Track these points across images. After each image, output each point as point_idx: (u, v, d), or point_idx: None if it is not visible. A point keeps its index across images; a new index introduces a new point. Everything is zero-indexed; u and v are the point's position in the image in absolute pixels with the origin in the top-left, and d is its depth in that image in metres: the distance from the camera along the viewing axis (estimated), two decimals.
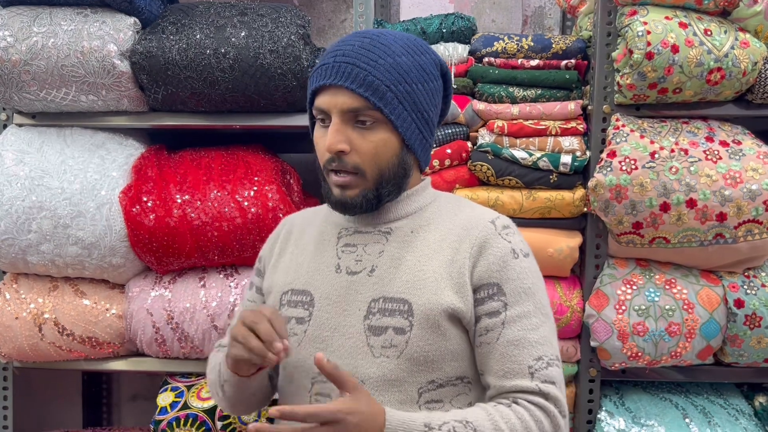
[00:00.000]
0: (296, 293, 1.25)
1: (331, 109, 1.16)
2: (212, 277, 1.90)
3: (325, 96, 1.17)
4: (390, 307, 1.16)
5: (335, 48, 1.19)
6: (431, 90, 1.21)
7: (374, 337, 1.16)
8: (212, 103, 1.86)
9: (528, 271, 1.20)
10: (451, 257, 1.19)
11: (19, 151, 1.86)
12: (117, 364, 1.95)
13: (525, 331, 1.16)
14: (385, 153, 1.17)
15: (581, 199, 1.81)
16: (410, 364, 1.15)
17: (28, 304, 1.88)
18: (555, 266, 1.83)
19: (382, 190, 1.19)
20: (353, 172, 1.17)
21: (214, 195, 1.83)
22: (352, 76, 1.14)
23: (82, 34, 1.78)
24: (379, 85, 1.14)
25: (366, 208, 1.19)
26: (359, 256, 1.22)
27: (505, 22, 2.36)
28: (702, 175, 1.71)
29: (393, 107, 1.15)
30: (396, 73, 1.16)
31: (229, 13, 1.86)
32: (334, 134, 1.15)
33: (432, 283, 1.17)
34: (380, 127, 1.16)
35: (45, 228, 1.80)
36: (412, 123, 1.19)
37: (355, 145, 1.16)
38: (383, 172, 1.18)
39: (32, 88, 1.82)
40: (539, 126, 1.83)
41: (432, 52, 1.24)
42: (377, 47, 1.17)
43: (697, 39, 1.69)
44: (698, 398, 1.88)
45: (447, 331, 1.16)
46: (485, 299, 1.17)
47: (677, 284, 1.78)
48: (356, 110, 1.15)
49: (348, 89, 1.14)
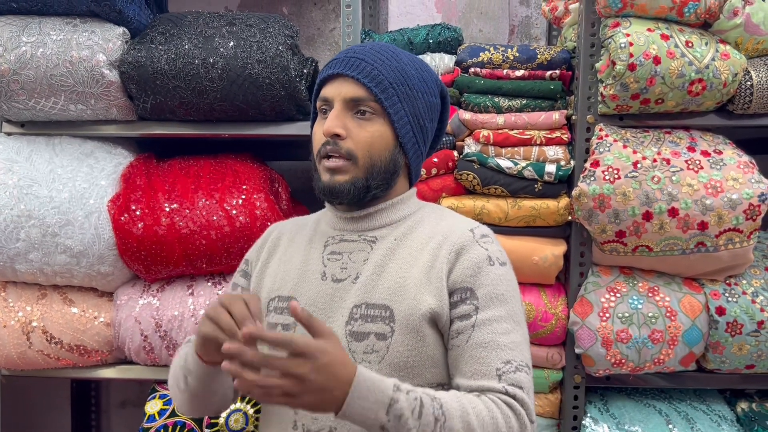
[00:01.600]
0: (283, 300, 1.27)
1: (334, 97, 1.23)
2: (200, 285, 1.91)
3: (330, 86, 1.24)
4: (372, 313, 1.19)
5: (348, 48, 1.28)
6: (430, 104, 1.29)
7: (356, 343, 1.18)
8: (201, 113, 1.87)
9: (502, 278, 1.21)
10: (431, 263, 1.21)
11: (8, 159, 1.86)
12: (105, 372, 1.95)
13: (494, 335, 1.16)
14: (379, 145, 1.23)
15: (566, 207, 1.83)
16: (391, 370, 1.17)
17: (16, 312, 1.88)
18: (540, 274, 1.85)
19: (371, 181, 1.23)
20: (345, 158, 1.21)
21: (202, 203, 1.85)
22: (359, 68, 1.22)
23: (71, 44, 1.79)
24: (382, 80, 1.22)
25: (354, 195, 1.22)
26: (344, 264, 1.24)
27: (492, 32, 2.38)
28: (684, 185, 1.73)
29: (393, 102, 1.22)
30: (400, 75, 1.24)
31: (217, 24, 1.87)
32: (333, 119, 1.21)
33: (413, 289, 1.19)
34: (378, 120, 1.23)
35: (33, 236, 1.81)
36: (408, 124, 1.25)
37: (352, 133, 1.22)
38: (374, 162, 1.23)
39: (21, 98, 1.83)
40: (524, 136, 1.85)
41: (435, 75, 1.32)
42: (386, 51, 1.26)
43: (678, 51, 1.72)
44: (681, 404, 1.90)
45: (426, 336, 1.18)
46: (458, 303, 1.19)
47: (660, 292, 1.81)
48: (358, 99, 1.22)
49: (353, 78, 1.21)
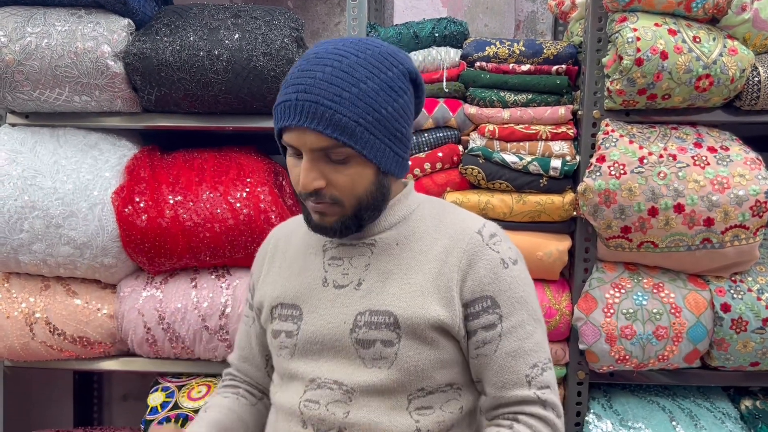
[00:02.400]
0: (285, 307, 1.25)
1: (301, 146, 1.11)
2: (204, 278, 1.90)
3: (292, 134, 1.11)
4: (376, 320, 1.17)
5: (296, 79, 1.11)
6: (402, 106, 1.15)
7: (363, 350, 1.17)
8: (205, 105, 1.87)
9: (518, 279, 1.21)
10: (438, 269, 1.18)
11: (12, 150, 1.86)
12: (108, 364, 1.95)
13: (521, 341, 1.17)
14: (361, 183, 1.14)
15: (571, 203, 1.82)
16: (401, 375, 1.16)
17: (19, 304, 1.88)
18: (544, 269, 1.85)
19: (362, 215, 1.17)
20: (330, 203, 1.14)
21: (206, 196, 1.84)
22: (318, 117, 1.07)
23: (76, 35, 1.78)
24: (347, 123, 1.08)
25: (345, 233, 1.18)
26: (346, 270, 1.22)
27: (497, 27, 2.37)
28: (690, 181, 1.73)
29: (364, 141, 1.10)
30: (363, 103, 1.09)
31: (222, 16, 1.87)
32: (307, 173, 1.10)
33: (418, 297, 1.17)
34: (354, 160, 1.12)
35: (37, 227, 1.81)
36: (386, 148, 1.14)
37: (331, 180, 1.12)
38: (361, 200, 1.15)
39: (26, 88, 1.83)
40: (530, 130, 1.84)
41: (400, 63, 1.16)
42: (340, 77, 1.09)
43: (686, 46, 1.71)
44: (685, 401, 1.90)
45: (436, 342, 1.17)
46: (480, 313, 1.18)
47: (665, 288, 1.80)
48: (326, 149, 1.10)
49: (314, 131, 1.08)
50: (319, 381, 1.18)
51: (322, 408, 1.16)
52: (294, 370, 1.22)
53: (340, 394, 1.16)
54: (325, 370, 1.18)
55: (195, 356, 1.91)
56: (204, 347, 1.88)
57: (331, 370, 1.18)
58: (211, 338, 1.86)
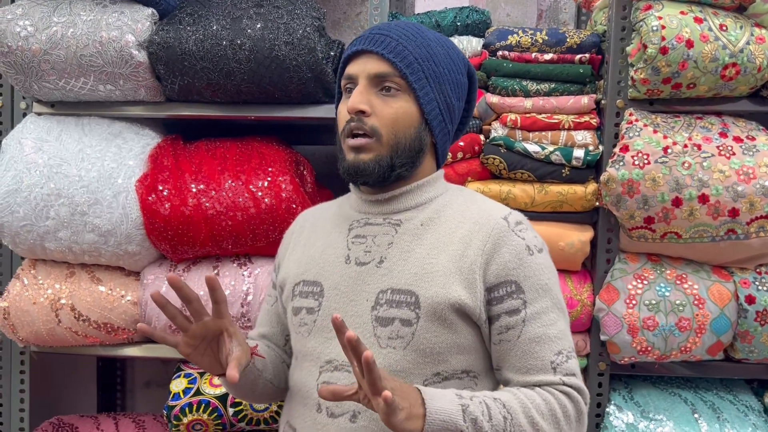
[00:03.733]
0: (307, 284, 1.26)
1: (359, 74, 1.21)
2: (226, 266, 1.92)
3: (355, 63, 1.22)
4: (397, 299, 1.17)
5: (373, 27, 1.26)
6: (457, 82, 1.26)
7: (381, 328, 1.17)
8: (227, 94, 1.88)
9: (543, 266, 1.21)
10: (462, 252, 1.19)
11: (38, 139, 1.89)
12: (131, 350, 1.98)
13: (545, 327, 1.17)
14: (404, 121, 1.20)
15: (593, 193, 1.81)
16: (416, 356, 1.16)
17: (45, 290, 1.91)
18: (566, 260, 1.84)
19: (395, 159, 1.20)
20: (369, 135, 1.19)
21: (228, 185, 1.85)
22: (384, 44, 1.20)
23: (101, 25, 1.80)
24: (407, 55, 1.19)
25: (378, 173, 1.20)
26: (368, 247, 1.23)
27: (519, 16, 2.36)
28: (715, 171, 1.71)
29: (418, 78, 1.20)
30: (426, 51, 1.21)
31: (245, 5, 1.87)
32: (357, 95, 1.19)
33: (440, 277, 1.17)
34: (403, 97, 1.20)
35: (62, 215, 1.83)
36: (434, 101, 1.22)
37: (376, 110, 1.19)
38: (399, 140, 1.20)
39: (51, 78, 1.85)
40: (552, 120, 1.83)
41: (463, 54, 1.30)
42: (412, 28, 1.24)
43: (712, 34, 1.69)
44: (708, 394, 1.88)
45: (455, 325, 1.17)
46: (504, 297, 1.18)
47: (688, 279, 1.78)
48: (383, 75, 1.19)
49: (378, 54, 1.20)
50: (336, 363, 1.19)
51: None
52: (310, 349, 1.22)
53: None
54: (341, 352, 1.18)
55: None
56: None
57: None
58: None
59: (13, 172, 1.84)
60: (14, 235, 1.86)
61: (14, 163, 1.85)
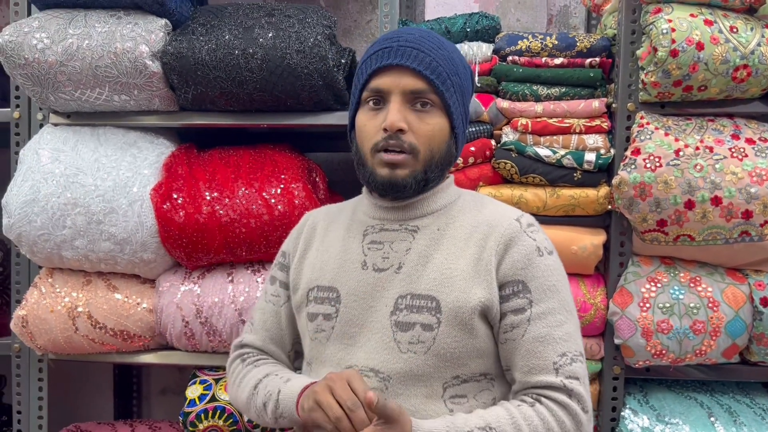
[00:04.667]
0: (323, 290, 1.27)
1: (392, 89, 1.19)
2: (240, 273, 1.93)
3: (386, 77, 1.20)
4: (418, 304, 1.18)
5: (392, 35, 1.23)
6: (469, 90, 1.30)
7: (401, 333, 1.18)
8: (240, 103, 1.90)
9: (552, 268, 1.22)
10: (478, 254, 1.20)
11: (55, 149, 1.92)
12: (147, 357, 2.00)
13: (550, 328, 1.18)
14: (438, 137, 1.21)
15: (605, 196, 1.81)
16: (437, 360, 1.17)
17: (62, 298, 1.93)
18: (579, 264, 1.83)
19: (429, 174, 1.22)
20: (407, 152, 1.19)
21: (242, 192, 1.87)
22: (418, 59, 1.19)
23: (116, 36, 1.82)
24: (441, 71, 1.20)
25: (415, 189, 1.22)
26: (386, 254, 1.24)
27: (529, 22, 2.36)
28: (727, 173, 1.70)
29: (450, 94, 1.21)
30: (451, 64, 1.23)
31: (257, 14, 1.90)
32: (395, 113, 1.18)
33: (460, 282, 1.18)
34: (437, 113, 1.21)
35: (79, 224, 1.86)
36: (461, 115, 1.25)
37: (413, 126, 1.19)
38: (434, 155, 1.21)
39: (67, 89, 1.88)
40: (563, 124, 1.83)
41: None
42: (433, 39, 1.24)
43: (722, 36, 1.69)
44: (724, 397, 1.87)
45: (475, 330, 1.18)
46: (510, 296, 1.19)
47: (702, 282, 1.78)
48: (419, 92, 1.19)
49: (414, 70, 1.19)
50: (356, 368, 1.19)
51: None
52: (328, 356, 1.23)
53: (377, 381, 1.17)
54: (361, 357, 1.19)
55: None
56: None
57: (366, 357, 1.19)
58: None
59: (30, 182, 1.87)
60: (32, 245, 1.89)
61: (32, 173, 1.88)
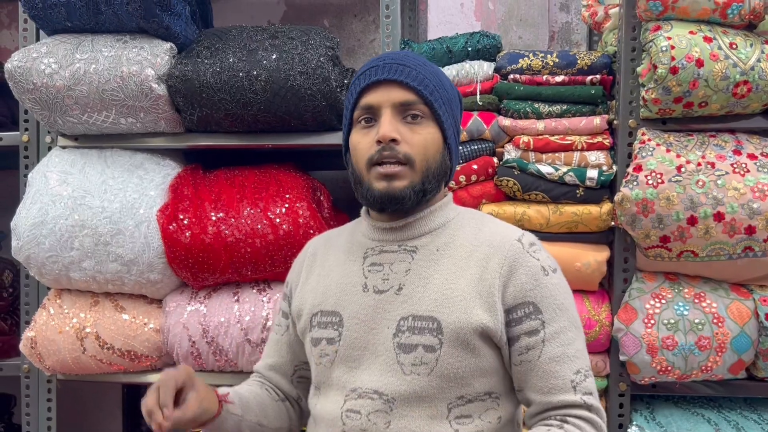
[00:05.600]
0: (325, 314, 1.27)
1: (382, 103, 1.21)
2: (246, 292, 1.95)
3: (375, 93, 1.22)
4: (419, 325, 1.18)
5: (377, 58, 1.27)
6: (457, 105, 1.32)
7: (404, 355, 1.18)
8: (245, 124, 1.92)
9: (559, 286, 1.22)
10: (479, 275, 1.20)
11: (63, 172, 1.94)
12: (154, 377, 2.00)
13: (564, 347, 1.18)
14: (432, 147, 1.22)
15: (608, 213, 1.82)
16: (441, 381, 1.17)
17: (70, 319, 1.95)
18: (583, 280, 1.84)
19: (427, 185, 1.22)
20: (402, 162, 1.20)
21: (247, 212, 1.89)
22: (405, 73, 1.21)
23: (122, 60, 1.85)
24: (428, 83, 1.22)
25: (413, 200, 1.21)
26: (386, 275, 1.24)
27: (531, 39, 2.38)
28: (729, 188, 1.70)
29: (440, 105, 1.23)
30: (437, 79, 1.25)
31: (260, 37, 1.92)
32: (387, 124, 1.20)
33: (461, 302, 1.18)
34: (428, 123, 1.23)
35: (87, 245, 1.88)
36: (452, 127, 1.26)
37: (406, 137, 1.21)
38: (430, 165, 1.22)
39: (75, 112, 1.91)
40: (565, 141, 1.85)
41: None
42: (417, 58, 1.27)
43: (722, 53, 1.70)
44: (731, 413, 1.86)
45: (478, 349, 1.18)
46: (522, 318, 1.19)
47: (707, 298, 1.77)
48: (409, 104, 1.21)
49: (402, 83, 1.21)
50: (360, 391, 1.20)
51: (364, 418, 1.18)
52: (334, 379, 1.24)
53: (381, 403, 1.18)
54: (365, 380, 1.20)
55: (238, 369, 1.95)
56: (247, 360, 1.92)
57: (370, 380, 1.19)
58: (254, 351, 1.90)
59: (39, 204, 1.89)
60: (40, 266, 1.91)
61: (40, 196, 1.90)
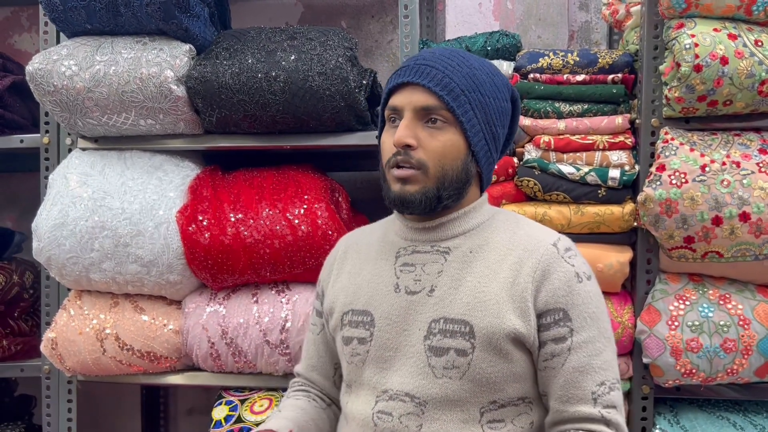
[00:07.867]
0: (357, 313, 1.26)
1: (404, 106, 1.20)
2: (265, 294, 1.94)
3: (400, 95, 1.21)
4: (451, 329, 1.17)
5: (416, 55, 1.25)
6: (502, 109, 1.25)
7: (435, 358, 1.17)
8: (264, 125, 1.92)
9: (592, 295, 1.20)
10: (513, 279, 1.18)
11: (83, 173, 1.95)
12: (174, 378, 2.01)
13: (590, 357, 1.16)
14: (451, 154, 1.19)
15: (631, 213, 1.79)
16: (473, 385, 1.16)
17: (90, 320, 1.96)
18: (605, 282, 1.81)
19: (442, 191, 1.19)
20: (416, 167, 1.18)
21: (266, 213, 1.89)
22: (430, 76, 1.18)
23: (141, 62, 1.86)
24: (454, 87, 1.18)
25: (425, 205, 1.19)
26: (418, 276, 1.22)
27: (551, 38, 2.36)
28: (755, 188, 1.67)
29: (465, 110, 1.19)
30: (471, 81, 1.20)
31: (279, 38, 1.92)
32: (403, 129, 1.18)
33: (494, 306, 1.17)
34: (450, 129, 1.19)
35: (106, 246, 1.88)
36: (481, 132, 1.21)
37: (423, 143, 1.18)
38: (446, 172, 1.19)
39: (95, 114, 1.91)
40: (586, 140, 1.82)
41: (506, 79, 1.28)
42: (456, 57, 1.23)
43: (747, 50, 1.67)
44: (757, 417, 1.83)
45: (510, 354, 1.17)
46: (551, 324, 1.17)
47: (732, 299, 1.74)
48: (429, 108, 1.18)
49: (424, 87, 1.18)
50: (391, 392, 1.19)
51: (395, 420, 1.17)
52: (365, 379, 1.23)
53: (413, 406, 1.17)
54: (396, 382, 1.19)
55: (257, 370, 1.95)
56: (266, 361, 1.91)
57: (401, 382, 1.18)
58: (273, 352, 1.89)
59: (59, 206, 1.90)
60: (61, 267, 1.92)
61: (60, 197, 1.91)
